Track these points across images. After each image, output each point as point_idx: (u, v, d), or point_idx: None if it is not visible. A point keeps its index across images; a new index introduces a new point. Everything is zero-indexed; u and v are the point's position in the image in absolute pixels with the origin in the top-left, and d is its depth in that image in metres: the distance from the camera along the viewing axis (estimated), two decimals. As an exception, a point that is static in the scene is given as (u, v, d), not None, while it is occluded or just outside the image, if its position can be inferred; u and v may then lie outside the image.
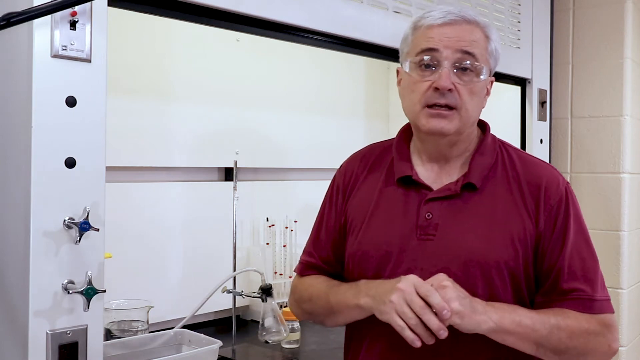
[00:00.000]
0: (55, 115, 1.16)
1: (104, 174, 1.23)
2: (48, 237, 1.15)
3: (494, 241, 1.16)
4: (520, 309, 1.13)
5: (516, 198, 1.20)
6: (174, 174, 2.12)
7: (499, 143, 1.29)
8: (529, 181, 1.21)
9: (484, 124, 1.31)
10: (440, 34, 1.18)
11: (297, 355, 1.90)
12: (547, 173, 1.23)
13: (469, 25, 1.19)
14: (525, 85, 2.57)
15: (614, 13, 2.64)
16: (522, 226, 1.17)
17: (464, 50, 1.17)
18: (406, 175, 1.25)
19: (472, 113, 1.20)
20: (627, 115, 2.63)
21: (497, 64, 1.26)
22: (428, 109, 1.18)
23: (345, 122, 2.65)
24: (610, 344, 1.15)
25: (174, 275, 2.05)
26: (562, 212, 1.19)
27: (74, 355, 1.17)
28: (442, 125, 1.17)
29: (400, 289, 1.07)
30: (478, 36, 1.20)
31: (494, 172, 1.23)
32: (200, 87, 2.14)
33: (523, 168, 1.23)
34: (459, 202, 1.20)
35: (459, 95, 1.17)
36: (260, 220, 2.28)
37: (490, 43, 1.21)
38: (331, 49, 1.86)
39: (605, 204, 2.67)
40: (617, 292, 2.65)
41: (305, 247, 1.41)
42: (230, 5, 1.49)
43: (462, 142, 1.24)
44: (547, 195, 1.19)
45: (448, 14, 1.19)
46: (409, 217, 1.22)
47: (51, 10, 1.08)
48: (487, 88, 1.25)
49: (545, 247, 1.18)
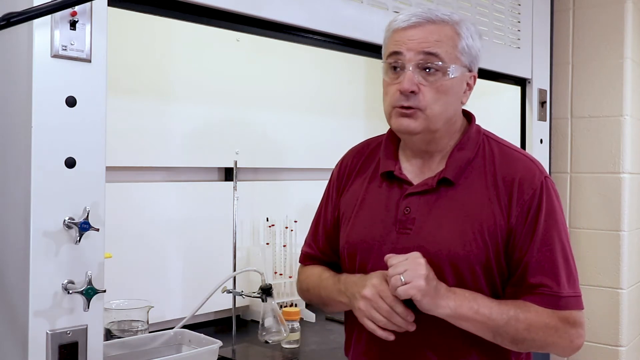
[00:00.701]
0: (55, 115, 1.16)
1: (104, 174, 1.23)
2: (48, 237, 1.15)
3: (464, 235, 1.20)
4: (482, 298, 1.17)
5: (490, 192, 1.22)
6: (174, 174, 2.12)
7: (484, 136, 1.30)
8: (505, 175, 1.23)
9: (470, 116, 1.33)
10: (405, 37, 1.21)
11: (297, 355, 1.90)
12: (523, 167, 1.24)
13: (433, 25, 1.21)
14: (525, 85, 2.57)
15: (614, 13, 2.64)
16: (493, 220, 1.20)
17: (426, 52, 1.19)
18: (389, 170, 1.30)
19: (440, 111, 1.21)
20: (627, 115, 2.64)
21: (477, 59, 1.27)
22: (397, 109, 1.22)
23: (345, 122, 2.65)
24: (573, 340, 1.18)
25: (174, 275, 2.05)
26: (535, 206, 1.20)
27: (74, 355, 1.17)
28: (407, 123, 1.21)
29: (365, 298, 1.16)
30: (444, 35, 1.21)
31: (473, 166, 1.25)
32: (200, 87, 2.14)
33: (501, 162, 1.25)
34: (435, 196, 1.24)
35: (423, 96, 1.19)
36: (260, 220, 2.28)
37: (461, 40, 1.22)
38: (331, 49, 1.86)
39: (605, 204, 2.67)
40: (617, 292, 2.65)
41: (306, 238, 1.49)
42: (230, 5, 1.49)
43: (442, 138, 1.27)
44: (520, 189, 1.20)
45: (412, 17, 1.22)
46: (391, 211, 1.27)
47: (51, 10, 1.08)
48: (467, 83, 1.26)
49: (516, 241, 1.20)
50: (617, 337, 2.65)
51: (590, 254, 2.71)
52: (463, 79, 1.25)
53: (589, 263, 2.70)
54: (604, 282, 2.68)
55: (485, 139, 1.30)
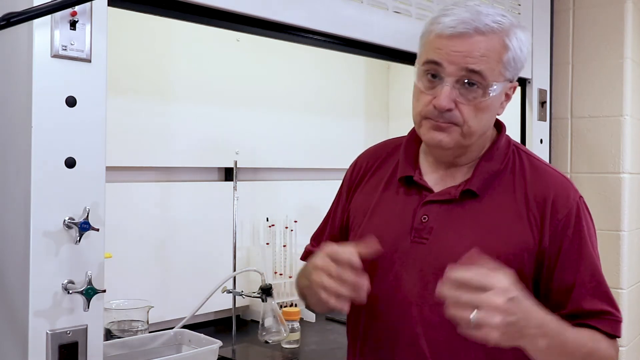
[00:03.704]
0: (55, 115, 1.16)
1: (104, 174, 1.23)
2: (48, 237, 1.15)
3: (485, 251, 1.05)
4: (569, 330, 1.06)
5: (520, 208, 1.14)
6: (174, 174, 2.12)
7: (514, 147, 1.23)
8: (537, 192, 1.15)
9: (500, 125, 1.25)
10: (448, 47, 1.10)
11: (297, 355, 1.90)
12: (557, 184, 1.16)
13: (481, 36, 1.10)
14: (525, 85, 2.56)
15: (614, 13, 2.64)
16: (521, 239, 1.12)
17: (470, 69, 1.09)
18: (408, 175, 1.23)
19: (477, 127, 1.14)
20: (627, 115, 2.63)
21: (521, 68, 1.18)
22: (428, 120, 1.14)
23: (345, 122, 2.65)
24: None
25: (174, 275, 2.05)
26: (572, 226, 1.12)
27: (74, 355, 1.17)
28: (440, 138, 1.13)
29: (317, 267, 1.07)
30: (492, 48, 1.11)
31: (500, 179, 1.18)
32: (201, 87, 2.14)
33: (532, 177, 1.17)
34: (457, 207, 1.16)
35: (460, 112, 1.11)
36: (260, 220, 2.28)
37: (508, 52, 1.12)
38: (331, 49, 1.86)
39: (605, 204, 2.67)
40: (617, 292, 2.65)
41: (313, 234, 1.43)
42: (230, 5, 1.49)
43: (471, 152, 1.20)
44: (554, 208, 1.12)
45: (460, 24, 1.10)
46: (406, 218, 1.19)
47: (51, 10, 1.08)
48: (506, 93, 1.18)
49: (552, 264, 1.12)
50: (617, 337, 2.64)
51: (590, 254, 2.70)
52: (503, 91, 1.16)
53: (589, 263, 2.70)
54: (604, 282, 2.67)
55: (515, 150, 1.22)
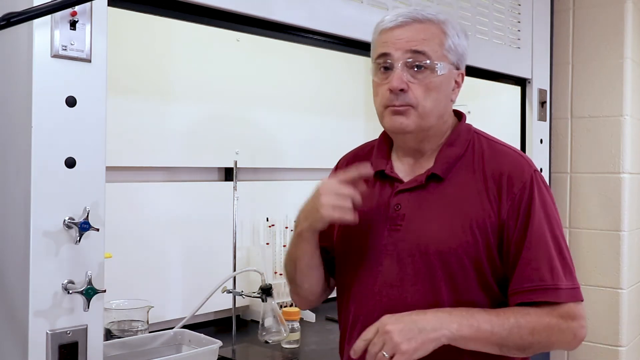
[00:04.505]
0: (55, 115, 1.16)
1: (104, 174, 1.23)
2: (48, 237, 1.15)
3: (452, 229, 1.20)
4: (479, 312, 1.15)
5: (479, 186, 1.22)
6: (174, 174, 2.12)
7: (474, 133, 1.32)
8: (493, 170, 1.23)
9: (460, 115, 1.34)
10: (392, 37, 1.23)
11: (297, 355, 1.90)
12: (512, 161, 1.24)
13: (420, 24, 1.23)
14: (525, 85, 2.57)
15: (614, 13, 2.64)
16: (483, 214, 1.20)
17: (414, 50, 1.21)
18: (380, 169, 1.31)
19: (431, 108, 1.23)
20: (627, 115, 2.64)
21: (464, 57, 1.28)
22: (388, 108, 1.23)
23: (345, 122, 2.65)
24: (576, 333, 1.17)
25: (174, 275, 2.05)
26: (525, 199, 1.20)
27: (74, 355, 1.17)
28: (400, 121, 1.22)
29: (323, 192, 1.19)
30: (431, 33, 1.23)
31: (462, 162, 1.26)
32: (200, 87, 2.14)
33: (490, 157, 1.26)
34: (425, 192, 1.25)
35: (413, 94, 1.21)
36: (260, 220, 2.28)
37: (447, 38, 1.24)
38: (331, 49, 1.86)
39: (605, 204, 2.67)
40: (617, 292, 2.65)
41: None
42: (230, 5, 1.49)
43: (434, 137, 1.28)
44: (509, 183, 1.21)
45: (399, 17, 1.23)
46: (382, 209, 1.28)
47: (51, 10, 1.08)
48: (455, 81, 1.27)
49: (510, 236, 1.20)
50: (617, 337, 2.65)
51: (590, 254, 2.71)
52: (451, 76, 1.26)
53: (589, 263, 2.70)
54: (603, 282, 2.68)
55: (475, 136, 1.31)
